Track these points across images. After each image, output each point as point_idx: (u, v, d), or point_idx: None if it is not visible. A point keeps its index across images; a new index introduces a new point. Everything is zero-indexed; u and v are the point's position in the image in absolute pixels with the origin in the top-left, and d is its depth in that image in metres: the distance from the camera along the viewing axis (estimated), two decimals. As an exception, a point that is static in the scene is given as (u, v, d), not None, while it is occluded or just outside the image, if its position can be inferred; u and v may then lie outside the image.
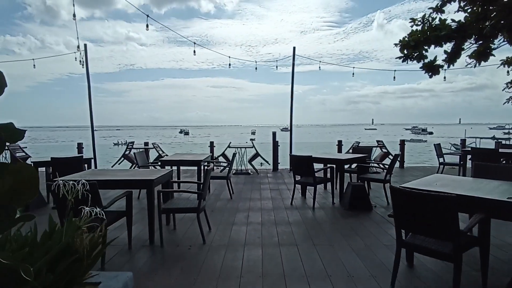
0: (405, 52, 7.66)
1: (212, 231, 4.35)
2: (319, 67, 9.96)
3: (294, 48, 9.60)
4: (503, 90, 11.44)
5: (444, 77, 8.30)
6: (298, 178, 5.85)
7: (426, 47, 7.46)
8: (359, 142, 9.61)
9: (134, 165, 7.92)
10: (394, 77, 9.40)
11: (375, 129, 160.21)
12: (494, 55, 6.78)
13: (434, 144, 8.45)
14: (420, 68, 7.90)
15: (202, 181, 4.02)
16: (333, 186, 5.81)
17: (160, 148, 9.70)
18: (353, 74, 9.83)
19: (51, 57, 25.07)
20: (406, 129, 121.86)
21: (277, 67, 9.73)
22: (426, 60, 7.50)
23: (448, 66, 7.81)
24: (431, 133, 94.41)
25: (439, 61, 7.63)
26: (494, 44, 6.91)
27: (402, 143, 10.45)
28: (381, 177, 5.81)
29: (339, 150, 10.33)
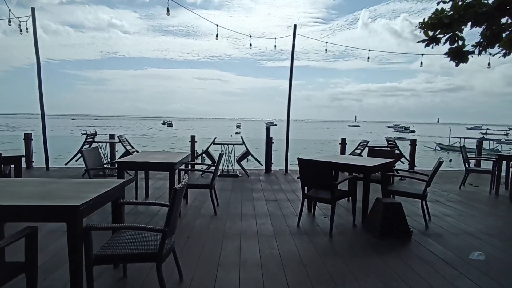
0: (430, 34, 6.25)
1: (186, 280, 2.75)
2: (325, 47, 8.44)
3: (295, 26, 8.01)
4: None
5: (489, 63, 6.92)
6: (308, 190, 4.35)
7: (462, 27, 6.09)
8: (368, 141, 8.20)
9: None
10: (421, 63, 7.98)
11: (359, 126, 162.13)
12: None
13: (460, 147, 7.12)
14: (445, 54, 6.55)
15: (169, 205, 2.37)
16: (355, 202, 4.32)
17: (128, 142, 7.92)
18: (368, 58, 8.36)
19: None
20: (389, 127, 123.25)
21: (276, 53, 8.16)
22: (460, 43, 6.15)
23: (480, 53, 6.48)
24: (413, 131, 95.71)
25: (468, 47, 6.32)
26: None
27: (414, 143, 9.13)
28: (418, 191, 4.38)
29: (343, 151, 8.87)
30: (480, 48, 7.05)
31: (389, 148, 8.28)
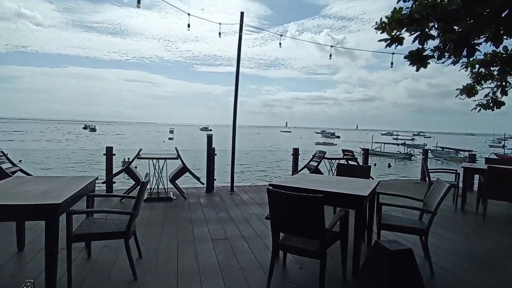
0: (392, 33, 5.48)
1: None
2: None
3: (242, 13, 6.65)
4: (456, 96, 10.58)
5: (419, 68, 6.32)
6: (284, 237, 2.94)
7: (430, 24, 5.39)
8: (324, 152, 7.20)
9: None
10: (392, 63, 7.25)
11: (290, 131, 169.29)
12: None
13: (422, 159, 6.56)
14: (405, 58, 5.89)
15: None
16: (346, 248, 3.04)
17: (6, 157, 5.50)
18: (330, 55, 7.37)
19: None
20: (317, 133, 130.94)
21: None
22: (428, 42, 5.48)
23: (439, 58, 5.92)
24: (338, 137, 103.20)
25: (428, 51, 5.73)
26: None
27: (367, 152, 8.50)
28: (419, 225, 3.33)
29: (295, 166, 7.70)
30: (439, 53, 6.18)
31: (346, 161, 7.45)
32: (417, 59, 6.35)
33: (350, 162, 7.42)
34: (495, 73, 6.16)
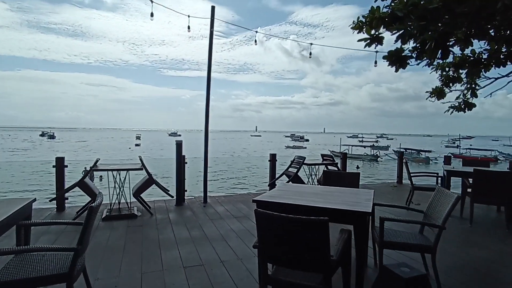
0: (372, 32, 5.22)
1: None
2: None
3: (213, 7, 6.06)
4: (426, 99, 10.69)
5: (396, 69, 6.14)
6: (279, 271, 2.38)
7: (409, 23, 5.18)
8: (304, 158, 6.76)
9: None
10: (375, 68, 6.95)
11: (260, 135, 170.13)
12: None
13: (404, 162, 6.32)
14: (384, 58, 5.65)
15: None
16: (348, 276, 2.53)
17: None
18: (310, 54, 6.94)
19: None
20: (286, 136, 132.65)
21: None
22: (411, 42, 5.28)
23: (418, 59, 5.75)
24: (307, 140, 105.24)
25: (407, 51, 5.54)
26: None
27: (345, 156, 8.21)
28: (424, 241, 2.93)
29: (273, 173, 7.18)
30: (417, 53, 5.93)
31: (326, 166, 7.07)
32: (397, 59, 6.09)
33: (329, 167, 7.06)
34: (463, 76, 6.21)
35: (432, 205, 3.18)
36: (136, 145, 64.17)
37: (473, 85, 6.71)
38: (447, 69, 6.13)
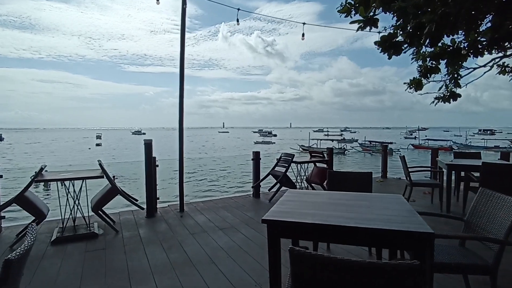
0: (366, 14, 4.71)
1: None
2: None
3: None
4: (405, 90, 10.52)
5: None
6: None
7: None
8: (292, 155, 6.00)
9: None
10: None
11: (228, 132, 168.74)
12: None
13: (400, 157, 5.83)
14: (375, 43, 5.18)
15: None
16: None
17: None
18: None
19: None
20: (254, 132, 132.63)
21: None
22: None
23: (411, 45, 5.30)
24: (275, 135, 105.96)
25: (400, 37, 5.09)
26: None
27: (331, 152, 7.62)
28: (480, 260, 2.32)
29: (257, 172, 6.37)
30: (409, 40, 5.47)
31: (314, 164, 6.42)
32: (390, 45, 5.55)
33: (318, 164, 6.43)
34: (443, 66, 5.74)
35: (478, 211, 2.59)
36: (97, 144, 60.31)
37: (456, 75, 6.42)
38: (427, 59, 5.67)
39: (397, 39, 5.46)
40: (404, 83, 5.95)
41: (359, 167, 29.13)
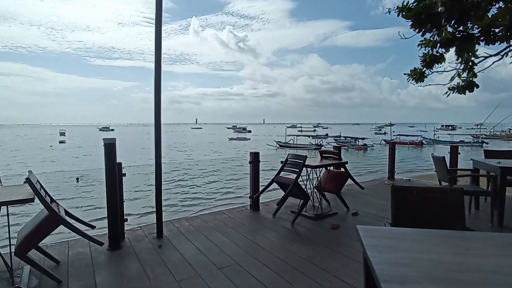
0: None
1: None
2: None
3: None
4: (407, 81, 9.63)
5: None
6: None
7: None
8: (304, 158, 4.62)
9: None
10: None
11: (201, 128, 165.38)
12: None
13: (441, 158, 4.69)
14: (405, 18, 4.41)
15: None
16: None
17: None
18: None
19: None
20: (228, 128, 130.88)
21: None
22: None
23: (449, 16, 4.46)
24: (250, 131, 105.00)
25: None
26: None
27: (339, 150, 6.41)
28: None
29: (256, 180, 4.92)
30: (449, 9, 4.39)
31: (326, 169, 5.13)
32: (427, 17, 4.74)
33: (330, 168, 5.16)
34: (452, 54, 5.17)
35: None
36: (61, 142, 55.94)
37: (471, 64, 5.58)
38: (437, 45, 5.27)
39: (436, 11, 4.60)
40: (404, 74, 5.49)
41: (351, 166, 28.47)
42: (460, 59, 5.39)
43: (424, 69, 5.53)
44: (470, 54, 5.23)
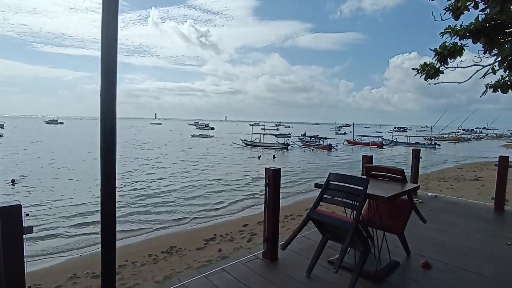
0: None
1: None
2: None
3: None
4: (414, 75, 8.76)
5: None
6: None
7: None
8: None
9: None
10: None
11: (161, 123, 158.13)
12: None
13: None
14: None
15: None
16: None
17: None
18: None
19: None
20: (190, 124, 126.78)
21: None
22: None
23: None
24: (212, 128, 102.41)
25: None
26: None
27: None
28: None
29: (276, 213, 3.32)
30: None
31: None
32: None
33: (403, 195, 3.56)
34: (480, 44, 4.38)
35: None
36: (-2, 136, 49.19)
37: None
38: (467, 34, 4.35)
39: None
40: (413, 69, 4.91)
41: (307, 165, 27.71)
42: (488, 52, 4.46)
43: (439, 64, 4.70)
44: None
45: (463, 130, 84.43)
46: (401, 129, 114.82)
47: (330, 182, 2.99)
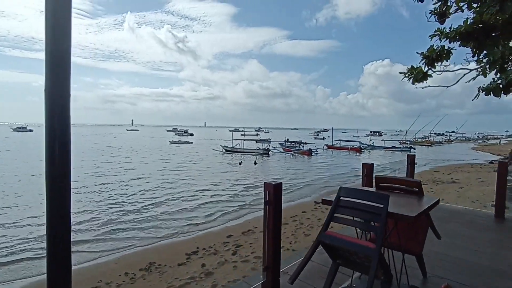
0: None
1: None
2: None
3: None
4: (402, 79, 8.70)
5: None
6: None
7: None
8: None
9: None
10: None
11: (138, 130, 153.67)
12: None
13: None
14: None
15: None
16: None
17: None
18: None
19: None
20: (168, 131, 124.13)
21: None
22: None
23: None
24: (192, 134, 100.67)
25: None
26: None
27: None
28: None
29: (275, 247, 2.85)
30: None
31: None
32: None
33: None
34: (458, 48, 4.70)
35: None
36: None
37: (505, 59, 4.33)
38: (457, 37, 4.54)
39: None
40: (400, 73, 5.04)
41: (292, 172, 27.47)
42: (477, 55, 4.63)
43: (427, 68, 4.79)
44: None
45: (434, 134, 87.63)
46: (377, 133, 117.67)
47: (341, 199, 2.54)
